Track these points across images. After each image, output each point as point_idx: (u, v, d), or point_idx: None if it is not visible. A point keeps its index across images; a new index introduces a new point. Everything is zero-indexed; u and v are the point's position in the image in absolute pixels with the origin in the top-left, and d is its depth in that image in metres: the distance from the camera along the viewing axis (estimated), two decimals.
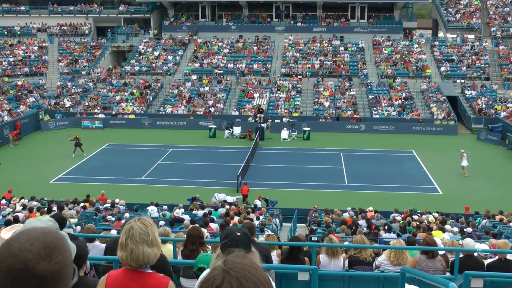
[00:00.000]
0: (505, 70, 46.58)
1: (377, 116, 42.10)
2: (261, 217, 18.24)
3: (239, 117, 41.52)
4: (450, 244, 9.10)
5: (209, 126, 38.85)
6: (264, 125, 38.17)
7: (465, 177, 28.98)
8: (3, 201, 20.86)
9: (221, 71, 48.40)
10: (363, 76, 47.03)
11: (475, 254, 8.25)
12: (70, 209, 18.42)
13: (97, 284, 3.23)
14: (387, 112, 42.34)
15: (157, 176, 28.67)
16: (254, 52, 50.81)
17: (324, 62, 48.89)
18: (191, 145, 35.74)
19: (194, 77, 47.87)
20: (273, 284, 3.90)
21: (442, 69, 47.32)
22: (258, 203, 22.28)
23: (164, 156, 32.87)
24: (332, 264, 8.30)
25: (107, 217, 16.99)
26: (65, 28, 54.69)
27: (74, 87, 46.89)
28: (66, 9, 55.91)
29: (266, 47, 51.50)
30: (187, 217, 16.98)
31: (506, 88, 44.68)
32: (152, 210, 19.24)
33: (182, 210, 18.40)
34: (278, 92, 45.40)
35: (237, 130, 38.68)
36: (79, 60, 50.61)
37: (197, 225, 12.30)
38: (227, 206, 20.56)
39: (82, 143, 32.51)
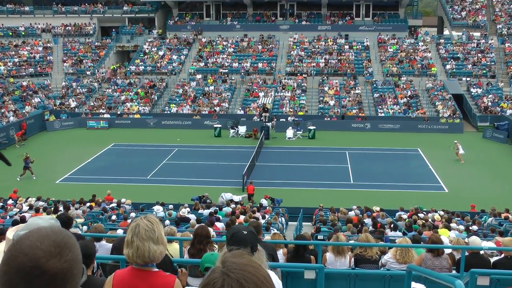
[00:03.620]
0: (511, 67, 46.33)
1: (383, 114, 41.99)
2: (267, 216, 18.25)
3: (244, 116, 41.49)
4: (456, 242, 9.09)
5: (214, 126, 38.86)
6: (269, 124, 38.14)
7: (462, 165, 30.47)
8: (10, 201, 20.98)
9: (226, 70, 48.41)
10: (368, 74, 46.92)
11: (481, 252, 8.22)
12: (76, 209, 18.50)
13: (104, 283, 3.26)
14: (392, 111, 42.23)
15: (163, 176, 28.71)
16: (259, 51, 50.79)
17: (329, 61, 48.80)
18: (196, 144, 35.77)
19: (199, 76, 47.89)
20: (280, 282, 3.91)
21: (448, 67, 47.12)
22: (264, 202, 22.31)
23: (170, 155, 32.92)
24: (338, 262, 8.30)
25: (111, 217, 17.04)
26: (70, 28, 54.84)
27: (79, 87, 47.04)
28: (71, 9, 56.03)
29: (270, 46, 51.47)
30: (193, 217, 17.01)
31: None
32: (158, 209, 19.28)
33: (188, 209, 18.43)
34: (283, 91, 45.36)
35: (242, 129, 38.70)
36: (83, 60, 50.74)
37: (204, 224, 12.31)
38: (233, 205, 20.60)
39: (30, 165, 27.88)
